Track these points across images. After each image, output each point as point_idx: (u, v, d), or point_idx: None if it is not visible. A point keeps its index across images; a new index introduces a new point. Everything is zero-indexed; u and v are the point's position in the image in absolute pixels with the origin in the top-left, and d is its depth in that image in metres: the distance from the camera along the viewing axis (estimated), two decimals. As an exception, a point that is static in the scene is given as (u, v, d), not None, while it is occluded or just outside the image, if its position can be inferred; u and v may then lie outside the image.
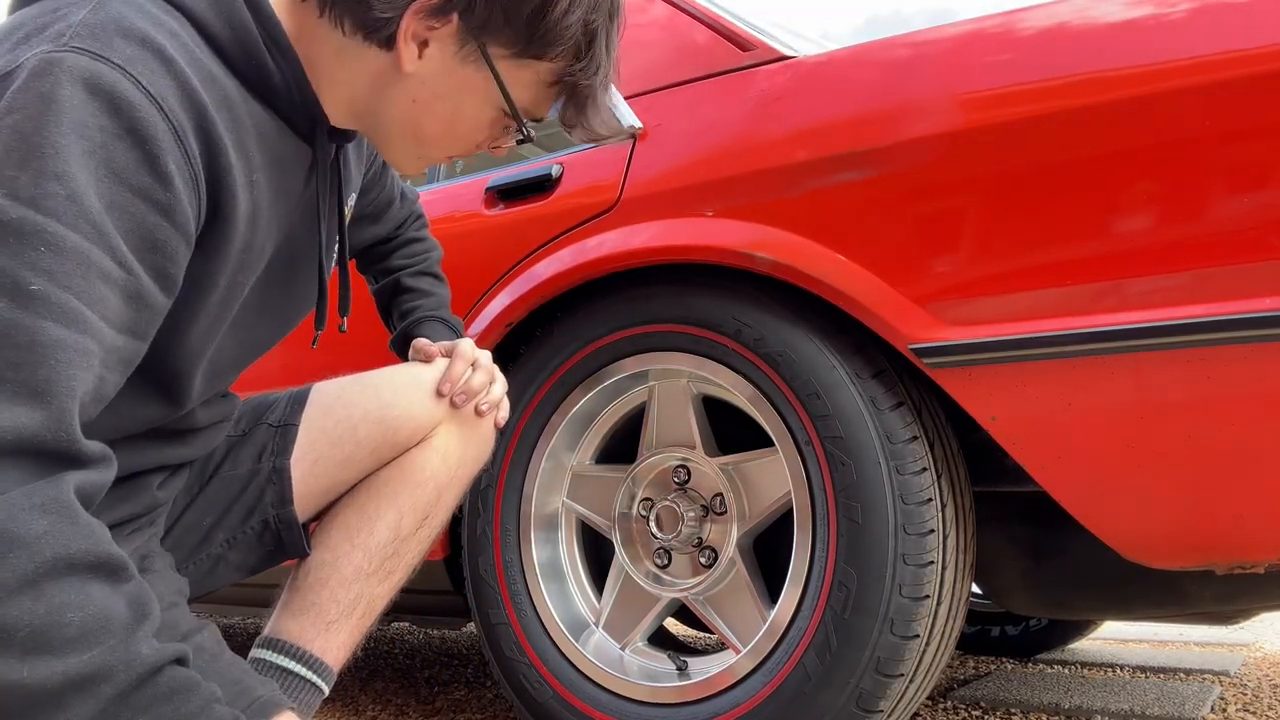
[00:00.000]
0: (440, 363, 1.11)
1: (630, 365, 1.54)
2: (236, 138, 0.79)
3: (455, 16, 0.83)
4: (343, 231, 1.03)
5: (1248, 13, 1.13)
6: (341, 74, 0.87)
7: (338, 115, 0.91)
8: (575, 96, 0.90)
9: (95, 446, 0.67)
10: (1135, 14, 1.21)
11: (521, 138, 0.93)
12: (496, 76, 0.86)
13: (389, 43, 0.84)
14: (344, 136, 0.96)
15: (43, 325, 0.63)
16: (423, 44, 0.85)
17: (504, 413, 1.15)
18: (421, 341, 1.16)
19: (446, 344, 1.14)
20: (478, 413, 1.11)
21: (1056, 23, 1.26)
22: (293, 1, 0.86)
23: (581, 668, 1.54)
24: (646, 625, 1.57)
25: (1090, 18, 1.24)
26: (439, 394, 1.08)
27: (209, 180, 0.77)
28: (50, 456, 0.63)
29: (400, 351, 1.25)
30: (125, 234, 0.69)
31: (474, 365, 1.12)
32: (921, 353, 1.25)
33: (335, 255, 1.02)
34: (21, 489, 0.60)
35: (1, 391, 0.61)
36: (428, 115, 0.89)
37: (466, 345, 1.13)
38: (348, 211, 1.03)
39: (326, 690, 1.04)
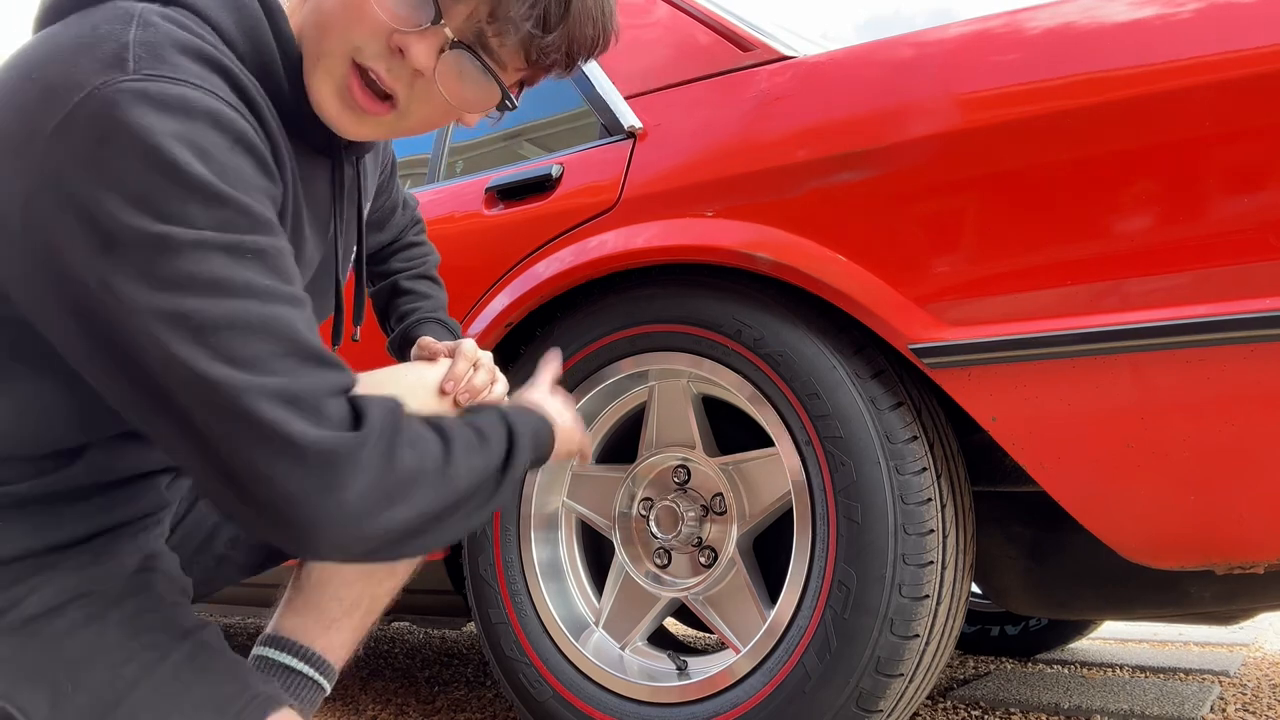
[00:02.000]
0: (444, 362, 1.11)
1: (630, 365, 1.54)
2: (280, 143, 0.82)
3: None
4: (361, 241, 1.04)
5: (1248, 13, 1.13)
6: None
7: None
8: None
9: (351, 372, 0.78)
10: (1134, 14, 1.21)
11: (435, 16, 0.81)
12: None
13: None
14: (361, 148, 0.96)
15: (287, 312, 0.72)
16: None
17: None
18: (427, 340, 1.17)
19: (450, 344, 1.15)
20: None
21: (1057, 23, 1.26)
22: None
23: (581, 667, 1.54)
24: (646, 625, 1.57)
25: (1090, 18, 1.24)
26: (442, 392, 1.08)
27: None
28: (353, 394, 0.76)
29: (398, 353, 1.25)
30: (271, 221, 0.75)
31: (475, 365, 1.13)
32: (921, 353, 1.25)
33: (350, 264, 1.04)
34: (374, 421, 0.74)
35: (295, 360, 0.71)
36: None
37: (469, 345, 1.14)
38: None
39: (328, 688, 1.05)
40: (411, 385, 1.09)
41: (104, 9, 0.74)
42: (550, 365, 1.10)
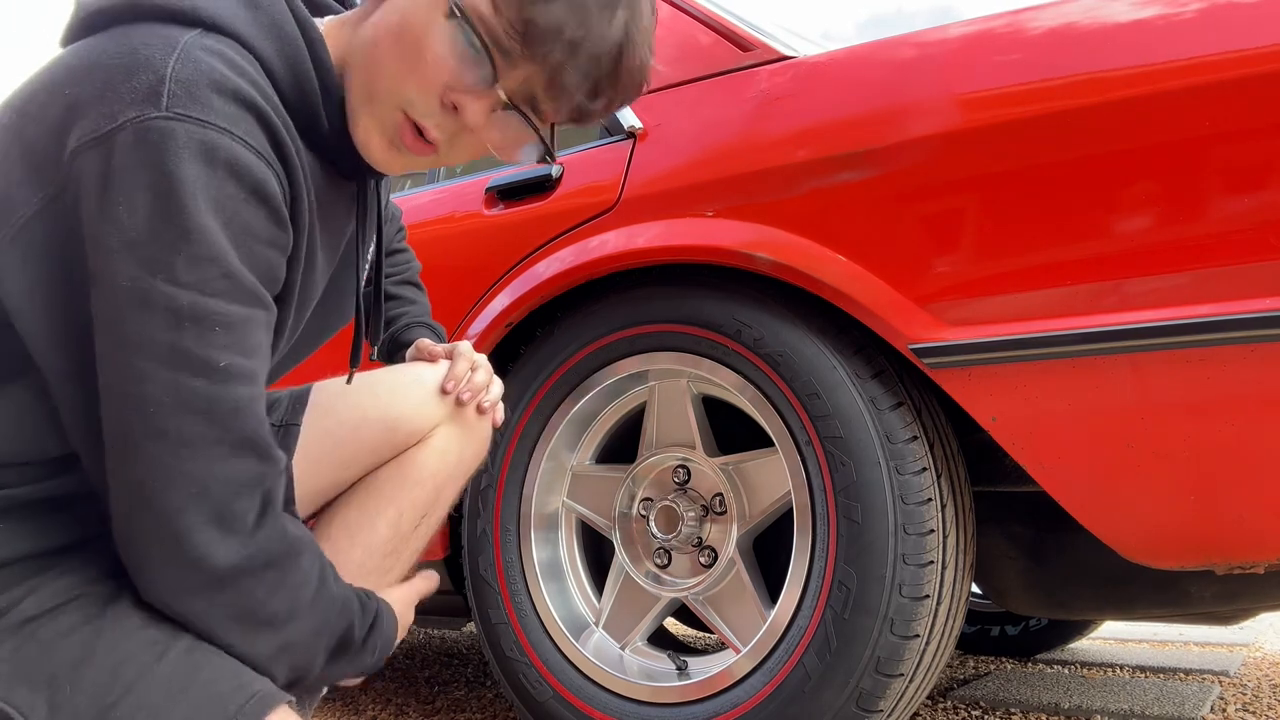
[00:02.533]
0: (444, 363, 1.12)
1: (630, 365, 1.54)
2: (306, 181, 0.82)
3: None
4: (379, 257, 1.06)
5: (1248, 13, 1.13)
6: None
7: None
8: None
9: (282, 459, 0.80)
10: (1134, 14, 1.21)
11: (491, 75, 0.81)
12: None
13: None
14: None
15: (236, 391, 0.74)
16: None
17: (500, 413, 1.16)
18: (425, 341, 1.18)
19: (447, 345, 1.16)
20: (479, 410, 1.12)
21: (1057, 23, 1.26)
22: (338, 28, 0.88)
23: (581, 667, 1.54)
24: (646, 625, 1.57)
25: (1090, 18, 1.24)
26: (444, 391, 1.09)
27: (291, 218, 0.81)
28: (266, 487, 0.78)
29: (387, 358, 1.25)
30: (264, 281, 0.77)
31: (473, 366, 1.14)
32: (921, 353, 1.25)
33: (366, 275, 1.05)
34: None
35: (225, 448, 0.74)
36: (386, 35, 0.82)
37: (466, 346, 1.15)
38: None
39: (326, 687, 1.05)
40: (407, 385, 1.10)
41: (147, 31, 0.74)
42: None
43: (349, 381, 1.07)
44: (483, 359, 1.16)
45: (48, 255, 0.74)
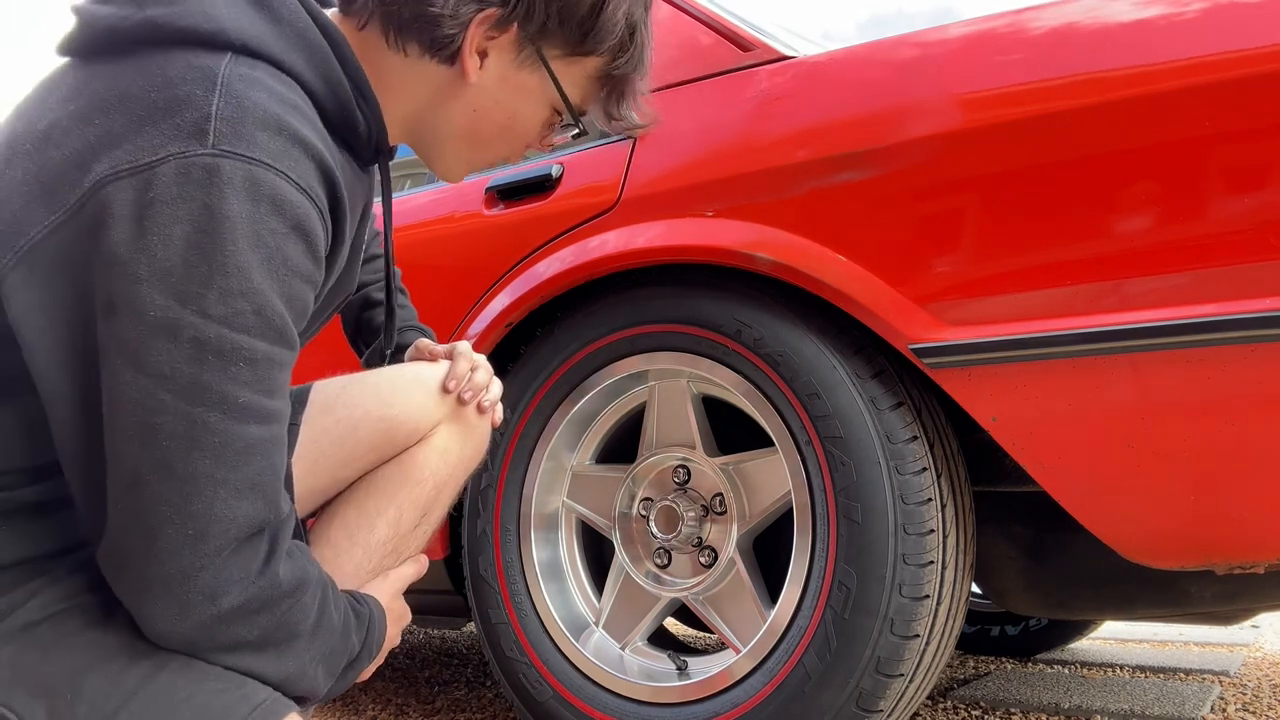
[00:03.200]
0: (444, 362, 1.12)
1: (630, 365, 1.54)
2: (346, 196, 0.83)
3: (515, 25, 0.87)
4: (388, 240, 1.10)
5: (1248, 13, 1.13)
6: (403, 93, 0.91)
7: (394, 134, 0.95)
8: (618, 87, 0.95)
9: (287, 502, 0.80)
10: (1134, 14, 1.21)
11: (576, 131, 0.97)
12: (553, 77, 0.91)
13: (452, 59, 0.88)
14: (394, 152, 1.00)
15: (250, 430, 0.73)
16: (483, 54, 0.89)
17: (500, 413, 1.16)
18: (425, 342, 1.18)
19: (447, 345, 1.16)
20: (480, 410, 1.12)
21: (1056, 23, 1.26)
22: (352, 30, 0.88)
23: (581, 667, 1.54)
24: (646, 625, 1.57)
25: (1090, 18, 1.24)
26: (445, 390, 1.09)
27: (332, 241, 0.83)
28: (269, 532, 0.77)
29: (381, 363, 1.25)
30: (295, 316, 0.77)
31: (473, 366, 1.14)
32: (921, 353, 1.25)
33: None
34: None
35: (230, 489, 0.73)
36: (486, 121, 0.93)
37: (466, 346, 1.15)
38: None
39: None
40: (407, 384, 1.10)
41: (180, 60, 0.74)
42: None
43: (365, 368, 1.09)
44: (483, 359, 1.16)
45: (55, 277, 0.73)
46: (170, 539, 0.71)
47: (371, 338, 1.27)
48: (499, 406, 1.16)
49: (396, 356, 1.22)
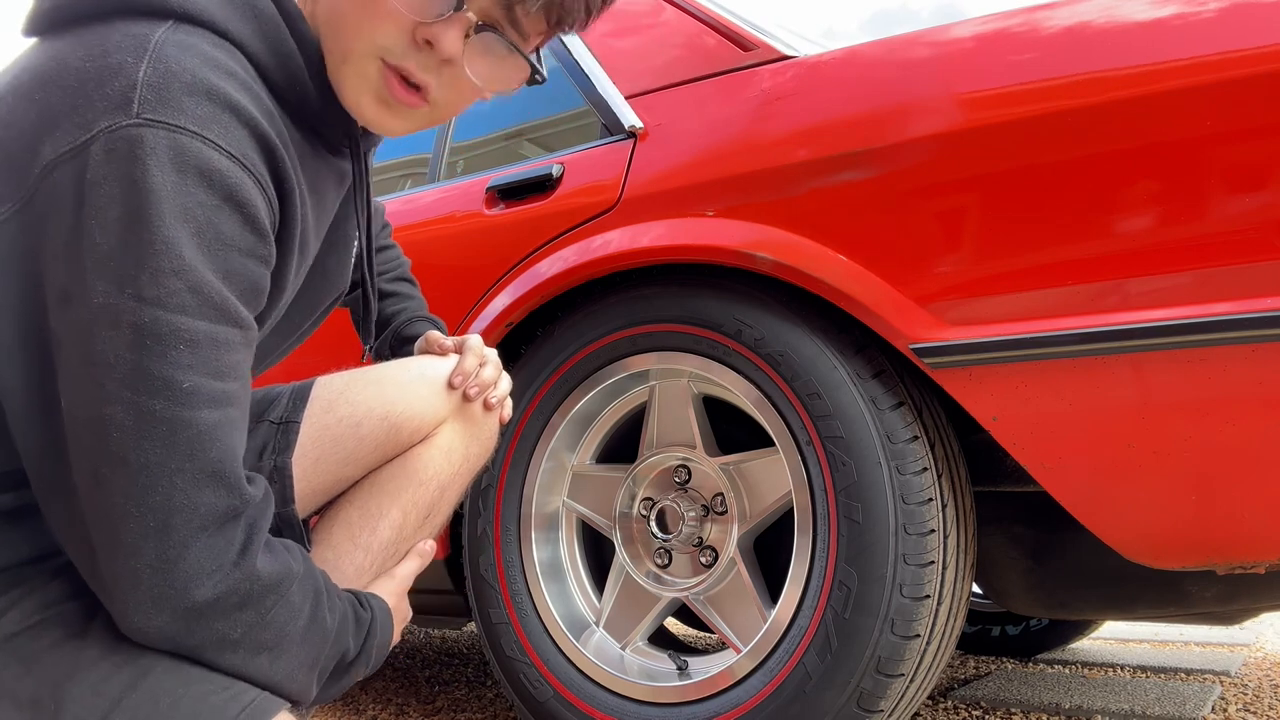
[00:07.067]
0: (452, 357, 1.11)
1: (631, 365, 1.54)
2: (296, 171, 0.80)
3: None
4: (370, 254, 1.05)
5: (1249, 13, 1.13)
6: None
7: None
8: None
9: (259, 488, 0.77)
10: (1133, 15, 1.21)
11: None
12: None
13: None
14: (374, 141, 0.96)
15: (200, 416, 0.70)
16: None
17: (508, 410, 1.15)
18: (434, 334, 1.16)
19: (457, 339, 1.14)
20: (487, 406, 1.11)
21: (1059, 23, 1.26)
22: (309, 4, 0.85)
23: (582, 667, 1.54)
24: (647, 625, 1.57)
25: (1091, 18, 1.24)
26: (451, 386, 1.07)
27: (282, 218, 0.79)
28: (236, 518, 0.74)
29: (390, 353, 1.24)
30: (240, 295, 0.73)
31: (482, 361, 1.12)
32: (922, 353, 1.25)
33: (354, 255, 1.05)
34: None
35: (187, 477, 0.70)
36: None
37: (476, 340, 1.13)
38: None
39: None
40: (411, 381, 1.09)
41: (119, 30, 0.71)
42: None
43: (364, 359, 1.05)
44: (492, 354, 1.14)
45: (7, 268, 0.71)
46: (133, 533, 0.69)
47: (379, 330, 1.26)
48: (508, 403, 1.14)
49: (405, 348, 1.21)
